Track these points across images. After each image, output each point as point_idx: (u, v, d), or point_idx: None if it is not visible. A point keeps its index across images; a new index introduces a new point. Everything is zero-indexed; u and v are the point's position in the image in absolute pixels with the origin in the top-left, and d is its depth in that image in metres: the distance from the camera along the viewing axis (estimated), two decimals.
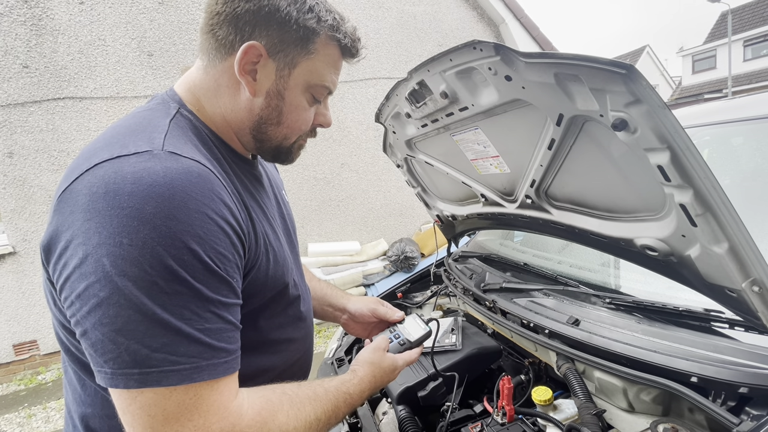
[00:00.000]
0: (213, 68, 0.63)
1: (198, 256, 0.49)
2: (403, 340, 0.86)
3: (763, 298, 0.62)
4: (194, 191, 0.50)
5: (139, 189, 0.47)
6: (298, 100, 0.65)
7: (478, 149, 1.10)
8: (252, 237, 0.61)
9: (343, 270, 4.07)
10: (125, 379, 0.47)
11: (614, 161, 0.75)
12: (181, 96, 0.65)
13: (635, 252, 0.83)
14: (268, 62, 0.61)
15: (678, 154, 0.57)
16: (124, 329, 0.46)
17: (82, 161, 0.52)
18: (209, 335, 0.50)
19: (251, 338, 0.62)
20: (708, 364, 0.74)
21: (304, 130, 0.70)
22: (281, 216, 0.79)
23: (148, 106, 0.63)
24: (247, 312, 0.60)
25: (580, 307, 1.04)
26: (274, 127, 0.66)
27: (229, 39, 0.60)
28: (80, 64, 3.57)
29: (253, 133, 0.66)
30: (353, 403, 0.68)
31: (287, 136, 0.68)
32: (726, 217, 0.58)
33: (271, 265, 0.65)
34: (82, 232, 0.47)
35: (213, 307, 0.51)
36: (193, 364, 0.48)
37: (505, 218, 1.26)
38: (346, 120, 4.45)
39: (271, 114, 0.64)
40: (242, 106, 0.64)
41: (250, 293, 0.61)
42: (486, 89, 0.87)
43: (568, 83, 0.66)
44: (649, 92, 0.54)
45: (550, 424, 0.88)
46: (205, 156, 0.58)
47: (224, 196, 0.54)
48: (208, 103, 0.65)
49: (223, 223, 0.53)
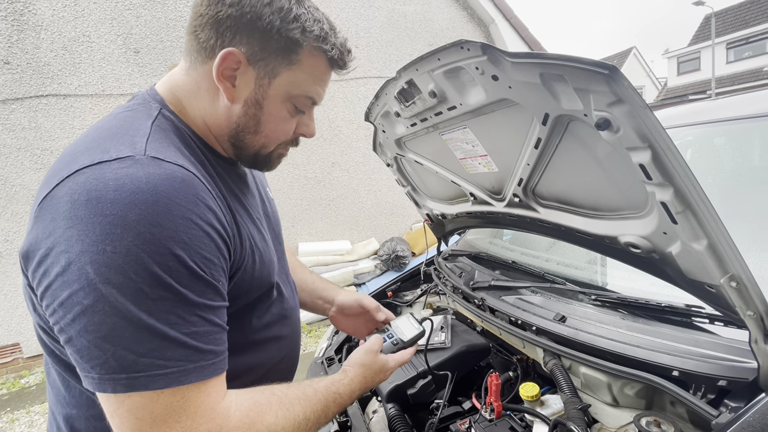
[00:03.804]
0: (194, 71, 0.62)
1: (183, 262, 0.49)
2: (396, 340, 0.86)
3: (740, 293, 0.64)
4: (178, 197, 0.50)
5: (122, 196, 0.47)
6: (278, 110, 0.64)
7: (466, 148, 1.10)
8: (237, 240, 0.60)
9: (334, 269, 4.06)
10: (113, 383, 0.46)
11: (598, 160, 0.76)
12: (163, 96, 0.64)
13: (619, 249, 0.85)
14: (248, 70, 0.60)
15: (659, 153, 0.58)
16: (110, 336, 0.46)
17: (62, 166, 0.51)
18: (196, 338, 0.50)
19: (237, 338, 0.62)
20: (689, 358, 0.76)
21: (283, 140, 0.68)
22: (266, 214, 0.79)
23: (129, 107, 0.62)
24: (233, 312, 0.60)
25: (567, 304, 1.06)
26: (251, 135, 0.65)
27: (210, 43, 0.59)
28: (64, 61, 3.49)
29: (231, 140, 0.65)
30: (343, 403, 0.69)
31: (265, 145, 0.67)
32: (705, 214, 0.59)
33: (257, 267, 0.65)
34: (64, 239, 0.46)
35: (199, 311, 0.51)
36: (180, 367, 0.48)
37: (493, 217, 1.28)
38: (337, 119, 4.44)
39: (248, 122, 0.63)
40: (221, 112, 0.63)
41: (236, 294, 0.61)
42: (474, 89, 0.87)
43: (553, 83, 0.67)
44: (630, 92, 0.55)
45: (537, 420, 0.90)
46: (189, 159, 0.58)
47: (208, 201, 0.54)
48: (189, 105, 0.64)
49: (207, 228, 0.52)
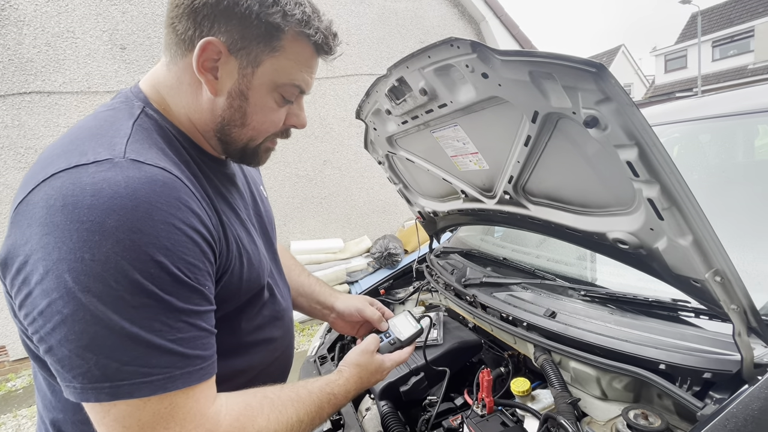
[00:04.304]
0: (175, 65, 0.60)
1: (165, 268, 0.48)
2: (394, 339, 0.86)
3: (724, 287, 0.65)
4: (159, 201, 0.48)
5: (100, 201, 0.45)
6: (264, 100, 0.61)
7: (457, 146, 1.11)
8: (223, 242, 0.59)
9: (326, 267, 4.05)
10: (95, 392, 0.46)
11: (587, 157, 0.77)
12: (147, 94, 0.62)
13: (607, 245, 0.86)
14: (230, 60, 0.57)
15: (645, 151, 0.59)
16: (91, 345, 0.45)
17: (38, 170, 0.49)
18: (182, 344, 0.49)
19: (227, 341, 0.61)
20: (675, 351, 0.77)
21: (272, 132, 0.66)
22: (258, 214, 0.78)
23: (111, 105, 0.60)
24: (222, 316, 0.59)
25: (557, 299, 1.07)
26: (238, 128, 0.62)
27: (189, 34, 0.56)
28: (48, 57, 3.41)
29: (217, 135, 0.63)
30: (338, 403, 0.68)
31: (253, 138, 0.65)
32: (690, 211, 0.61)
33: (245, 269, 0.64)
34: (41, 247, 0.45)
35: (185, 317, 0.50)
36: (166, 374, 0.48)
37: (484, 214, 1.28)
38: (328, 117, 4.42)
39: (234, 115, 0.61)
40: (204, 106, 0.61)
41: (224, 298, 0.60)
42: (464, 86, 0.87)
43: (542, 81, 0.67)
44: (618, 90, 0.56)
45: (528, 414, 0.91)
46: (172, 160, 0.56)
47: (192, 204, 0.53)
48: (172, 101, 0.62)
49: (191, 232, 0.51)
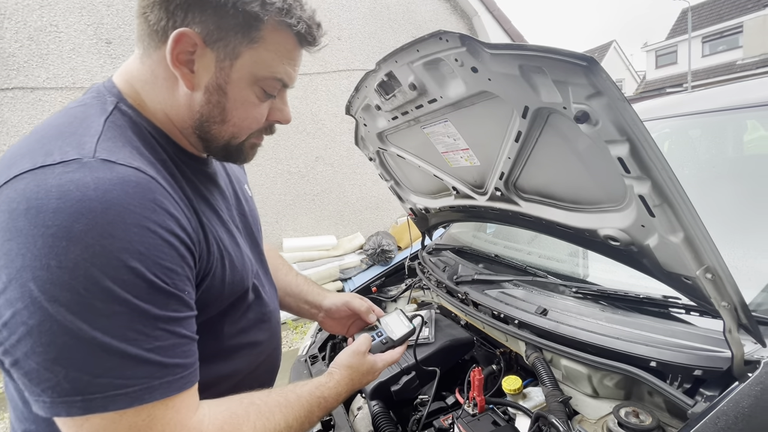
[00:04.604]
0: (148, 58, 0.57)
1: (140, 274, 0.45)
2: (386, 338, 0.84)
3: (715, 284, 0.64)
4: (131, 203, 0.46)
5: (66, 204, 0.42)
6: (245, 95, 0.58)
7: (448, 142, 1.09)
8: (203, 245, 0.57)
9: (319, 265, 4.02)
10: (66, 406, 0.43)
11: (578, 153, 0.76)
12: (121, 88, 0.59)
13: (599, 242, 0.85)
14: (206, 52, 0.54)
15: (637, 146, 0.58)
16: (60, 357, 0.43)
17: (0, 171, 0.46)
18: (160, 353, 0.47)
19: (211, 346, 0.59)
20: (666, 349, 0.77)
21: (255, 128, 0.63)
22: (242, 214, 0.75)
23: (82, 101, 0.57)
24: (204, 321, 0.57)
25: (548, 296, 1.07)
26: (218, 125, 0.59)
27: (161, 25, 0.53)
28: (30, 52, 3.32)
29: (197, 132, 0.60)
30: (328, 406, 0.67)
31: (235, 135, 0.61)
32: (682, 207, 0.60)
33: (227, 272, 0.61)
34: (3, 254, 0.42)
35: (163, 324, 0.48)
36: (143, 384, 0.45)
37: (476, 211, 1.27)
38: (320, 112, 4.37)
39: (212, 111, 0.58)
40: (181, 101, 0.57)
41: (205, 302, 0.58)
42: (453, 81, 0.86)
43: (532, 75, 0.66)
44: (609, 85, 0.55)
45: (519, 412, 0.90)
46: (148, 159, 0.53)
47: (168, 206, 0.50)
48: (147, 97, 0.59)
49: (167, 235, 0.49)
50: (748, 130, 1.67)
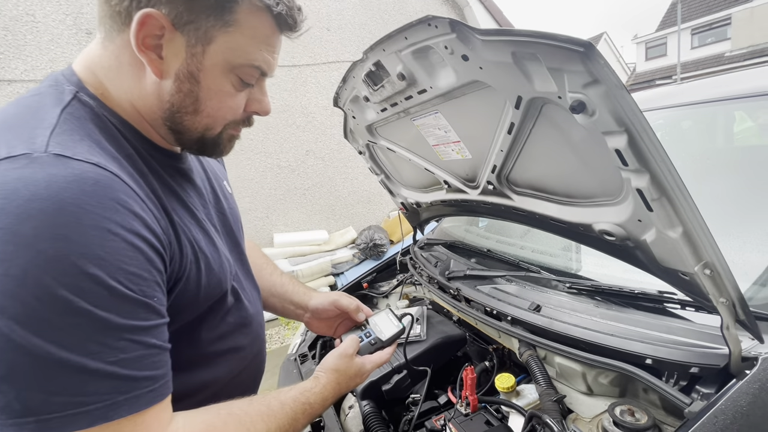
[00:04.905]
0: (111, 42, 0.52)
1: (100, 281, 0.41)
2: (375, 339, 0.81)
3: (713, 280, 0.62)
4: (90, 202, 0.41)
5: (13, 205, 0.38)
6: (219, 83, 0.54)
7: (439, 134, 1.06)
8: (175, 247, 0.53)
9: (311, 260, 3.98)
10: (17, 429, 0.39)
11: (573, 145, 0.73)
12: (81, 76, 0.53)
13: (593, 237, 0.83)
14: (175, 36, 0.49)
15: (635, 138, 0.55)
16: (9, 376, 0.38)
17: None
18: (126, 366, 0.43)
19: (187, 354, 0.56)
20: (662, 345, 0.75)
21: (231, 119, 0.58)
22: (220, 212, 0.71)
23: (37, 90, 0.52)
24: (179, 327, 0.54)
25: (542, 292, 1.05)
26: (190, 116, 0.55)
27: (124, 5, 0.48)
28: (6, 43, 3.19)
29: (167, 124, 0.55)
30: (314, 413, 0.63)
31: (210, 126, 0.57)
32: (681, 201, 0.57)
33: (203, 275, 0.57)
34: None
35: (128, 335, 0.44)
36: (107, 401, 0.41)
37: (468, 205, 1.24)
38: (310, 105, 4.30)
39: (184, 101, 0.53)
40: (149, 90, 0.53)
41: (179, 308, 0.54)
42: (443, 70, 0.82)
43: (525, 62, 0.62)
44: (606, 72, 0.51)
45: (513, 411, 0.88)
46: (110, 154, 0.48)
47: (132, 205, 0.46)
48: (111, 85, 0.53)
49: (132, 238, 0.44)
50: (737, 121, 1.66)
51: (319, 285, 3.85)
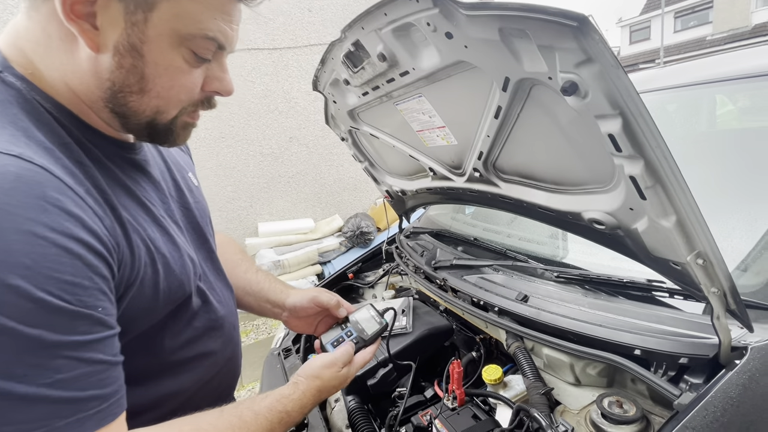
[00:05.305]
0: (36, 11, 0.44)
1: (25, 294, 0.36)
2: (357, 338, 0.78)
3: (706, 270, 0.60)
4: (10, 203, 0.36)
5: None
6: (168, 58, 0.46)
7: (423, 119, 1.01)
8: (124, 248, 0.47)
9: (297, 249, 3.92)
10: None
11: (563, 130, 0.69)
12: (6, 54, 0.46)
13: (582, 225, 0.80)
14: (111, 2, 0.43)
15: (630, 122, 0.52)
16: None
17: None
18: (65, 387, 0.38)
19: (149, 363, 0.51)
20: (650, 336, 0.74)
21: (187, 101, 0.51)
22: (185, 207, 0.64)
23: None
24: (135, 336, 0.49)
25: (529, 282, 1.02)
26: (136, 97, 0.47)
27: None
28: None
29: (109, 106, 0.48)
30: (291, 421, 0.59)
31: (161, 109, 0.50)
32: (676, 189, 0.54)
33: (161, 277, 0.52)
34: None
35: (66, 352, 0.38)
36: (42, 428, 0.37)
37: (454, 192, 1.21)
38: (292, 90, 4.16)
39: (127, 78, 0.46)
40: (85, 67, 0.45)
41: (134, 316, 0.48)
42: (426, 50, 0.76)
43: (514, 40, 0.57)
44: (602, 49, 0.47)
45: (500, 403, 0.87)
46: (40, 144, 0.42)
47: (66, 203, 0.40)
48: (42, 63, 0.46)
49: (65, 241, 0.39)
50: (718, 105, 1.66)
51: (306, 274, 3.81)
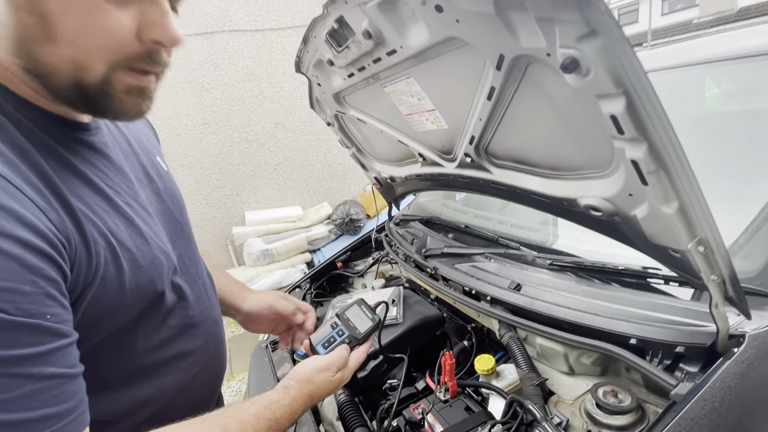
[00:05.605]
0: None
1: None
2: (349, 337, 0.74)
3: (706, 257, 0.58)
4: None
5: None
6: None
7: (412, 102, 0.96)
8: (78, 244, 0.42)
9: (286, 237, 3.86)
10: None
11: (560, 112, 0.65)
12: None
13: (578, 212, 0.77)
14: None
15: (635, 101, 0.48)
16: None
17: None
18: (9, 409, 0.34)
19: (120, 369, 0.46)
20: (646, 324, 0.72)
21: (114, 50, 0.41)
22: (155, 193, 0.59)
23: None
24: (102, 339, 0.44)
25: (522, 270, 1.00)
26: (45, 47, 0.38)
27: None
28: None
29: (20, 64, 0.40)
30: (280, 429, 0.55)
31: (82, 63, 0.40)
32: (680, 174, 0.51)
33: (126, 275, 0.47)
34: None
35: (8, 369, 0.34)
36: None
37: (444, 179, 1.17)
38: (277, 74, 4.03)
39: (25, 23, 0.37)
40: None
41: (97, 319, 0.44)
42: (415, 26, 0.71)
43: (510, 12, 0.53)
44: (607, 20, 0.43)
45: (493, 393, 0.85)
46: None
47: None
48: None
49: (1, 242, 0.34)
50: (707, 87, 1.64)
51: (296, 262, 3.76)
